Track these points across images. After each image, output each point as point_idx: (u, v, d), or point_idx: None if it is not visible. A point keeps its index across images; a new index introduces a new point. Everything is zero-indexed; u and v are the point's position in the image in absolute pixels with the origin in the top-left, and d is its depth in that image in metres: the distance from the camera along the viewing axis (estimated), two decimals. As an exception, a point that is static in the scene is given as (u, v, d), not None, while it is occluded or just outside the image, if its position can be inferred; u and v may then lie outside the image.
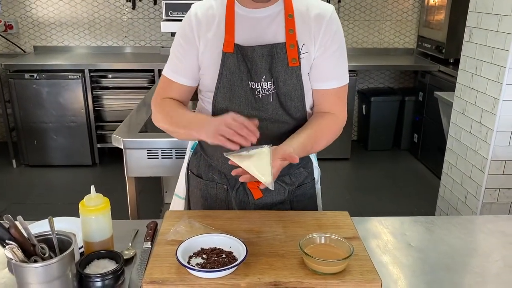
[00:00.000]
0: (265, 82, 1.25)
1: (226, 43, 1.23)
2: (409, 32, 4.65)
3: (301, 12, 1.25)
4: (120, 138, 1.95)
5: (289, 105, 1.27)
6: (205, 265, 1.01)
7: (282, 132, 1.29)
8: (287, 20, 1.24)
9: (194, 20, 1.27)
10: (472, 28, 2.53)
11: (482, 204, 2.47)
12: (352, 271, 1.02)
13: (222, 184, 1.37)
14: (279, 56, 1.23)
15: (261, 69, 1.24)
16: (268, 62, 1.23)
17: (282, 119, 1.28)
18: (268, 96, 1.26)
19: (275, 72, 1.24)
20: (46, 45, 4.45)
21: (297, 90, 1.26)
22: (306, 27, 1.25)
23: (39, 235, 0.97)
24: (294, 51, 1.23)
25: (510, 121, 2.32)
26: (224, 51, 1.23)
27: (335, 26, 1.27)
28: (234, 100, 1.26)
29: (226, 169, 1.32)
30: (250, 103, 1.26)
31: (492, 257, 1.15)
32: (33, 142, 3.98)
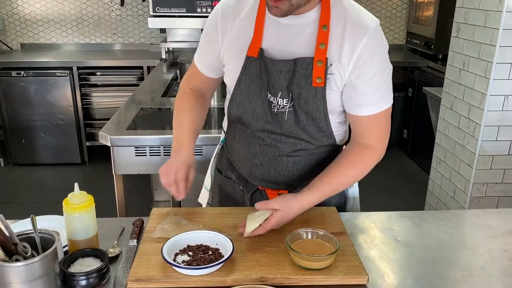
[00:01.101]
0: (280, 99, 1.15)
1: (251, 46, 1.14)
2: (398, 28, 4.66)
3: (337, 22, 1.09)
4: (107, 135, 1.94)
5: (309, 125, 1.17)
6: (191, 262, 1.00)
7: (298, 148, 1.22)
8: (321, 32, 1.08)
9: (220, 16, 1.20)
10: (460, 24, 2.54)
11: (471, 198, 2.49)
12: (339, 266, 1.02)
13: (239, 185, 1.35)
14: (303, 73, 1.10)
15: (278, 85, 1.14)
16: (287, 79, 1.12)
17: (299, 136, 1.19)
18: (283, 113, 1.16)
19: (296, 89, 1.12)
20: (33, 42, 4.39)
21: (320, 112, 1.14)
22: (338, 43, 1.09)
23: (21, 234, 0.96)
24: (321, 69, 1.09)
25: (498, 116, 2.34)
26: (248, 54, 1.15)
27: (375, 46, 1.09)
28: (249, 109, 1.19)
29: (244, 171, 1.30)
30: (265, 115, 1.18)
31: (478, 250, 1.16)
32: (21, 141, 3.94)
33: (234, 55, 1.19)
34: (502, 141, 2.39)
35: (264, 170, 1.26)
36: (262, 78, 1.16)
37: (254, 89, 1.18)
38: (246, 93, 1.18)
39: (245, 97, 1.19)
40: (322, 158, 1.26)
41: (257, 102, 1.18)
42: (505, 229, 1.26)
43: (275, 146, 1.22)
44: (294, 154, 1.23)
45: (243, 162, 1.28)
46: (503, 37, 2.20)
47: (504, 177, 2.46)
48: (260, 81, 1.17)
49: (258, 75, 1.16)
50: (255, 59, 1.15)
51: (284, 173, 1.25)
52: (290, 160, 1.23)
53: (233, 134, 1.29)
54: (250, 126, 1.22)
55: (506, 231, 1.25)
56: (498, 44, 2.22)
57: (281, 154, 1.23)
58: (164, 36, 3.71)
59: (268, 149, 1.23)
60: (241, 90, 1.19)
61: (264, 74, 1.15)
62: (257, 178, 1.28)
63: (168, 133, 2.02)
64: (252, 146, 1.24)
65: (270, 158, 1.24)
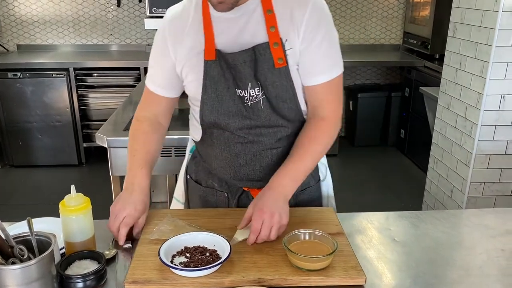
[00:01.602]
0: (252, 89, 1.16)
1: (206, 50, 1.15)
2: (395, 28, 4.67)
3: (281, 3, 1.14)
4: (104, 136, 1.93)
5: (282, 107, 1.19)
6: (188, 263, 1.00)
7: (279, 137, 1.23)
8: (267, 16, 1.13)
9: (167, 30, 1.21)
10: (456, 24, 2.55)
11: (468, 198, 2.49)
12: (336, 267, 1.02)
13: (223, 192, 1.32)
14: (263, 58, 1.13)
15: (246, 76, 1.15)
16: (252, 68, 1.14)
17: (277, 123, 1.20)
18: (257, 103, 1.17)
19: (262, 76, 1.14)
20: (29, 44, 4.38)
21: (288, 91, 1.17)
22: (287, 19, 1.13)
23: (17, 237, 0.95)
24: (279, 50, 1.12)
25: (494, 115, 2.35)
26: (206, 59, 1.15)
27: (319, 12, 1.15)
28: (222, 111, 1.19)
29: (227, 175, 1.28)
30: (240, 112, 1.18)
31: (475, 250, 1.16)
32: (18, 142, 3.93)
33: (192, 65, 1.19)
34: (499, 141, 2.39)
35: (249, 169, 1.25)
36: (227, 77, 1.16)
37: (221, 90, 1.17)
38: (215, 95, 1.18)
39: (215, 99, 1.18)
40: None
41: (228, 101, 1.18)
42: (503, 228, 1.26)
43: (257, 141, 1.22)
44: (276, 145, 1.24)
45: (225, 166, 1.27)
46: (499, 37, 2.21)
47: (501, 177, 2.47)
48: (225, 81, 1.17)
49: (222, 76, 1.16)
50: (214, 62, 1.15)
51: (269, 167, 1.25)
52: (274, 152, 1.24)
53: (209, 141, 1.27)
54: (228, 127, 1.21)
55: (504, 230, 1.25)
56: (494, 44, 2.22)
57: (265, 148, 1.23)
58: (161, 37, 3.71)
59: (250, 146, 1.23)
60: (209, 94, 1.18)
61: (228, 73, 1.16)
62: (242, 178, 1.28)
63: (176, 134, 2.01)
64: (233, 147, 1.24)
65: (254, 154, 1.24)
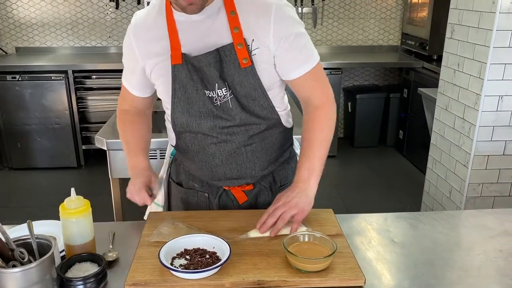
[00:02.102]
0: (219, 90, 1.18)
1: (173, 55, 1.17)
2: (393, 29, 4.68)
3: (245, 4, 1.15)
4: (103, 139, 1.93)
5: (252, 105, 1.21)
6: (188, 266, 1.00)
7: (252, 134, 1.25)
8: (230, 18, 1.15)
9: (133, 37, 1.23)
10: (454, 25, 2.56)
11: (466, 199, 2.50)
12: (336, 268, 1.02)
13: (203, 192, 1.35)
14: (228, 59, 1.15)
15: (212, 77, 1.17)
16: (217, 69, 1.16)
17: (249, 121, 1.23)
18: (226, 103, 1.19)
19: (229, 77, 1.17)
20: (28, 46, 4.38)
21: (257, 90, 1.19)
22: (253, 20, 1.15)
23: (18, 240, 0.96)
24: (243, 51, 1.15)
25: (492, 116, 2.35)
26: (173, 63, 1.17)
27: (284, 14, 1.16)
28: (192, 112, 1.21)
29: (205, 176, 1.32)
30: (211, 112, 1.20)
31: (474, 251, 1.17)
32: (17, 145, 3.92)
33: (160, 69, 1.22)
34: (497, 141, 2.40)
35: (225, 168, 1.28)
36: (194, 79, 1.18)
37: (190, 92, 1.20)
38: (184, 97, 1.21)
39: (185, 101, 1.21)
40: (276, 141, 1.31)
41: (198, 103, 1.20)
42: (501, 229, 1.27)
43: (230, 140, 1.25)
44: (249, 141, 1.26)
45: (202, 167, 1.30)
46: (496, 38, 2.22)
47: (499, 177, 2.47)
48: (193, 83, 1.19)
49: (189, 78, 1.18)
50: (181, 65, 1.17)
51: (245, 164, 1.28)
52: (248, 149, 1.27)
53: (184, 144, 1.30)
54: (200, 128, 1.24)
55: (502, 231, 1.26)
56: (492, 45, 2.23)
57: (238, 146, 1.25)
58: (159, 39, 3.72)
59: (224, 145, 1.25)
60: (179, 97, 1.21)
61: (195, 75, 1.18)
62: (220, 178, 1.30)
63: (164, 136, 2.02)
64: (207, 148, 1.26)
65: (229, 153, 1.26)
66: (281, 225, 1.14)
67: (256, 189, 1.34)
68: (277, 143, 1.31)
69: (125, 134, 1.38)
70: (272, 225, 1.14)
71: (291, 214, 1.14)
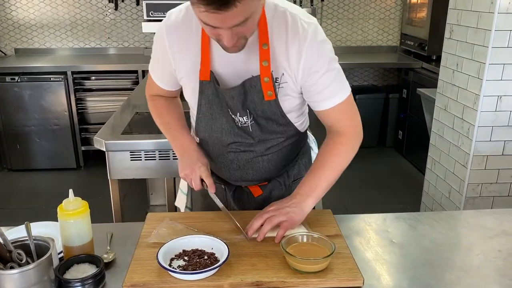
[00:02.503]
0: (241, 117, 1.21)
1: (202, 71, 1.17)
2: (392, 30, 4.69)
3: (279, 37, 1.12)
4: (102, 140, 1.93)
5: (271, 125, 1.24)
6: (186, 267, 1.00)
7: (270, 146, 1.28)
8: (262, 50, 1.12)
9: (167, 41, 1.19)
10: (453, 25, 2.56)
11: (466, 199, 2.50)
12: (334, 269, 1.02)
13: (220, 184, 1.38)
14: (253, 90, 1.16)
15: (235, 107, 1.19)
16: (240, 101, 1.17)
17: (268, 138, 1.26)
18: (247, 127, 1.23)
19: (251, 105, 1.18)
20: (27, 48, 4.38)
21: (277, 115, 1.21)
22: (285, 53, 1.13)
23: (15, 241, 0.95)
24: (269, 84, 1.14)
25: (491, 116, 2.35)
26: (201, 79, 1.18)
27: (317, 48, 1.13)
28: (215, 128, 1.25)
29: (224, 176, 1.36)
30: (232, 129, 1.24)
31: (473, 251, 1.17)
32: (16, 146, 3.92)
33: (189, 79, 1.22)
34: (496, 141, 2.40)
35: (242, 172, 1.32)
36: (220, 97, 1.20)
37: (215, 109, 1.22)
38: (209, 114, 1.23)
39: (209, 118, 1.24)
40: (292, 147, 1.34)
41: (221, 119, 1.23)
42: (500, 229, 1.27)
43: (249, 151, 1.28)
44: (267, 152, 1.29)
45: (221, 168, 1.34)
46: (495, 38, 2.22)
47: (498, 177, 2.47)
48: (219, 101, 1.20)
49: (215, 95, 1.20)
50: (208, 82, 1.18)
51: (261, 170, 1.32)
52: (265, 158, 1.30)
53: (206, 147, 1.33)
54: (221, 141, 1.27)
55: (501, 231, 1.26)
56: (490, 45, 2.23)
57: (256, 155, 1.29)
58: (158, 40, 3.71)
59: (242, 154, 1.28)
60: (204, 113, 1.23)
61: (221, 94, 1.19)
62: (237, 180, 1.35)
63: (163, 138, 2.01)
64: (226, 155, 1.30)
65: (247, 160, 1.29)
66: (267, 229, 1.11)
67: (270, 184, 1.37)
68: (293, 149, 1.34)
69: (163, 117, 1.36)
70: (258, 228, 1.13)
71: (279, 220, 1.12)
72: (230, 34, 0.98)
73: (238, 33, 1.00)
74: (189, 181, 1.28)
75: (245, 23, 0.97)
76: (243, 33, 1.01)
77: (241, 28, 0.98)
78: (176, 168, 2.04)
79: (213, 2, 0.89)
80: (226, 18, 0.92)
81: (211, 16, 0.92)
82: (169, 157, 1.99)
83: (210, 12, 0.91)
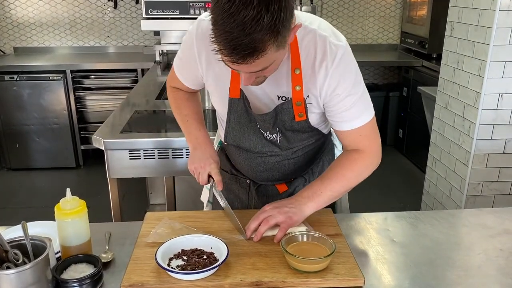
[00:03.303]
0: (270, 134, 1.24)
1: (232, 88, 1.17)
2: (392, 28, 4.67)
3: (307, 58, 1.11)
4: (100, 139, 1.92)
5: (298, 137, 1.26)
6: (185, 266, 0.99)
7: (296, 150, 1.30)
8: (294, 75, 1.11)
9: (196, 47, 1.17)
10: (453, 23, 2.55)
11: (466, 197, 2.49)
12: (335, 268, 1.01)
13: (245, 179, 1.40)
14: (284, 112, 1.17)
15: (266, 127, 1.22)
16: (271, 124, 1.20)
17: (294, 146, 1.28)
18: (275, 141, 1.26)
19: (281, 124, 1.20)
20: (26, 46, 4.37)
21: (305, 127, 1.23)
22: (311, 75, 1.12)
23: (12, 241, 0.94)
24: (301, 108, 1.16)
25: (492, 114, 2.34)
26: (230, 96, 1.19)
27: (342, 71, 1.10)
28: (243, 140, 1.27)
29: (250, 176, 1.38)
30: (260, 141, 1.26)
31: (474, 250, 1.16)
32: (15, 145, 3.91)
33: (216, 88, 1.22)
34: (497, 140, 2.39)
35: (268, 174, 1.34)
36: (249, 113, 1.21)
37: (244, 123, 1.24)
38: (238, 127, 1.25)
39: (238, 131, 1.26)
40: (317, 148, 1.36)
41: (249, 132, 1.25)
42: (501, 228, 1.26)
43: (276, 155, 1.30)
44: (293, 156, 1.31)
45: (247, 170, 1.36)
46: (496, 35, 2.20)
47: (499, 176, 2.46)
48: (247, 116, 1.22)
49: (244, 111, 1.21)
50: (238, 100, 1.19)
51: (287, 172, 1.34)
52: (291, 162, 1.32)
53: (234, 151, 1.35)
54: (249, 150, 1.30)
55: (502, 230, 1.25)
56: (491, 43, 2.22)
57: (283, 159, 1.31)
58: (158, 38, 3.69)
59: (269, 158, 1.31)
60: (233, 127, 1.26)
61: (250, 109, 1.20)
62: (263, 180, 1.37)
63: (162, 136, 2.01)
64: (253, 159, 1.32)
65: (273, 164, 1.32)
66: (263, 229, 1.10)
67: (295, 181, 1.39)
68: (318, 149, 1.37)
69: (182, 109, 1.38)
70: (255, 228, 1.11)
71: (276, 220, 1.10)
72: (248, 76, 1.00)
73: (258, 74, 1.00)
74: (197, 175, 1.29)
75: (266, 69, 0.97)
76: (262, 74, 1.02)
77: (261, 72, 0.99)
78: (175, 167, 2.04)
79: (233, 57, 0.89)
80: (245, 67, 0.93)
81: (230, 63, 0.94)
82: (168, 156, 1.98)
83: (227, 61, 0.93)
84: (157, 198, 3.02)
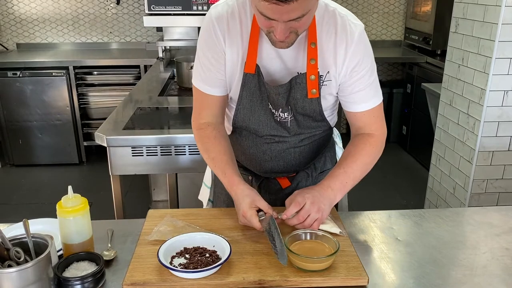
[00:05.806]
0: (282, 113, 1.24)
1: (248, 63, 1.17)
2: (396, 24, 4.64)
3: (328, 35, 1.15)
4: (103, 135, 1.91)
5: (308, 121, 1.27)
6: (188, 265, 0.99)
7: (303, 138, 1.31)
8: (310, 48, 1.15)
9: (219, 28, 1.16)
10: (458, 19, 2.52)
11: (471, 195, 2.47)
12: (338, 267, 1.00)
13: (247, 175, 1.39)
14: (298, 87, 1.18)
15: (278, 103, 1.22)
16: (285, 99, 1.20)
17: (302, 132, 1.30)
18: (285, 122, 1.26)
19: (293, 101, 1.21)
20: (29, 42, 4.36)
21: (316, 112, 1.24)
22: (333, 52, 1.16)
23: (13, 239, 0.94)
24: (314, 83, 1.17)
25: (497, 111, 2.32)
26: (245, 71, 1.18)
27: (363, 49, 1.17)
28: (253, 120, 1.26)
29: (254, 168, 1.37)
30: (270, 123, 1.26)
31: (479, 249, 1.14)
32: (18, 142, 3.91)
33: (233, 68, 1.21)
34: (502, 137, 2.37)
35: (273, 164, 1.34)
36: (262, 91, 1.21)
37: (255, 101, 1.23)
38: (249, 106, 1.24)
39: (248, 110, 1.25)
40: (322, 141, 1.38)
41: (260, 112, 1.25)
42: (507, 226, 1.25)
43: (282, 142, 1.31)
44: (299, 144, 1.32)
45: (252, 159, 1.35)
46: (502, 32, 2.18)
47: (504, 173, 2.44)
48: (260, 94, 1.22)
49: (257, 89, 1.21)
50: (252, 75, 1.18)
51: (292, 162, 1.35)
52: (297, 150, 1.33)
53: (239, 138, 1.34)
54: (256, 132, 1.29)
55: (508, 228, 1.24)
56: (497, 39, 2.20)
57: (289, 147, 1.32)
58: (160, 34, 3.69)
59: (276, 145, 1.31)
60: (244, 105, 1.24)
61: (264, 88, 1.20)
62: (266, 171, 1.37)
63: (165, 133, 2.00)
64: (260, 145, 1.32)
65: (279, 152, 1.32)
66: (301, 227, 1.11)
67: (298, 176, 1.39)
68: (322, 142, 1.39)
69: (210, 152, 1.26)
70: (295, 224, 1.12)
71: (314, 219, 1.11)
72: (284, 27, 1.01)
73: (291, 28, 1.02)
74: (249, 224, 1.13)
75: (301, 18, 0.99)
76: (296, 28, 1.03)
77: (295, 23, 1.00)
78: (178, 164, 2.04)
79: None
80: (284, 11, 0.95)
81: (269, 7, 0.94)
82: (171, 152, 1.97)
83: (270, 2, 0.93)
84: (160, 194, 3.02)
